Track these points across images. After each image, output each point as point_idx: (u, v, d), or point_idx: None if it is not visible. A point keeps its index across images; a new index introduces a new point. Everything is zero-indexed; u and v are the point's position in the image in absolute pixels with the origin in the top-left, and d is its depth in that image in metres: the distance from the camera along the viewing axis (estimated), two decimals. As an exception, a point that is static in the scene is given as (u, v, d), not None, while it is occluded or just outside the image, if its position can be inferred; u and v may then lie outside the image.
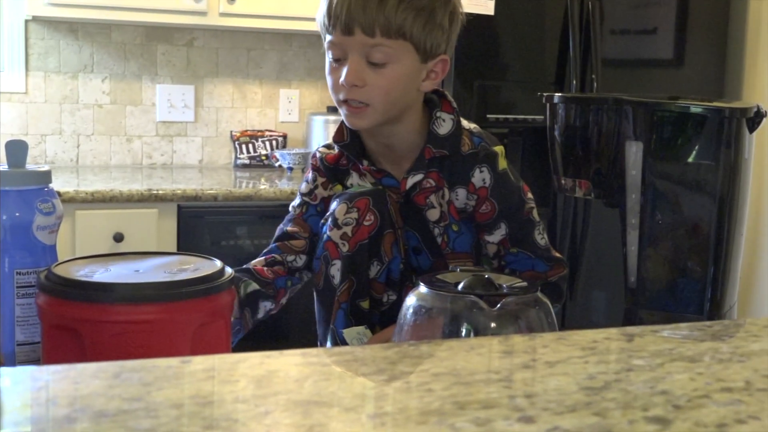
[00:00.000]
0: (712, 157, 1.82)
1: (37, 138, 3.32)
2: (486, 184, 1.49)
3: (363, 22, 1.37)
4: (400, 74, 1.41)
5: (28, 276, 1.21)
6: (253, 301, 1.45)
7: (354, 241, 1.45)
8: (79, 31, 3.34)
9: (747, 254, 3.33)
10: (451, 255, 1.52)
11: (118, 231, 2.77)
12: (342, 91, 1.41)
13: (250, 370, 0.72)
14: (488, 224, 1.51)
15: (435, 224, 1.50)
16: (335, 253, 1.46)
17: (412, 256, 1.53)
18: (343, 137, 1.52)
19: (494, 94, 3.12)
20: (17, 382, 0.70)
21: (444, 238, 1.51)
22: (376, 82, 1.40)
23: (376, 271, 1.49)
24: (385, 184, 1.51)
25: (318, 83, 3.65)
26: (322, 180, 1.57)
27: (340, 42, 1.40)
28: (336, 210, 1.47)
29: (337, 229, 1.46)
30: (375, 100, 1.41)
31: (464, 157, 1.49)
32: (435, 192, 1.49)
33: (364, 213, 1.45)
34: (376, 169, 1.51)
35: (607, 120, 1.91)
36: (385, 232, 1.47)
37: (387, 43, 1.38)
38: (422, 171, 1.48)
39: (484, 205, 1.50)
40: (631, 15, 3.28)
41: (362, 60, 1.39)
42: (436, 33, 1.42)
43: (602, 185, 1.93)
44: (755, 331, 0.88)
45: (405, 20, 1.38)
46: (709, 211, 1.83)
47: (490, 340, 0.88)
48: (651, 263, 1.87)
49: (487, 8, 3.00)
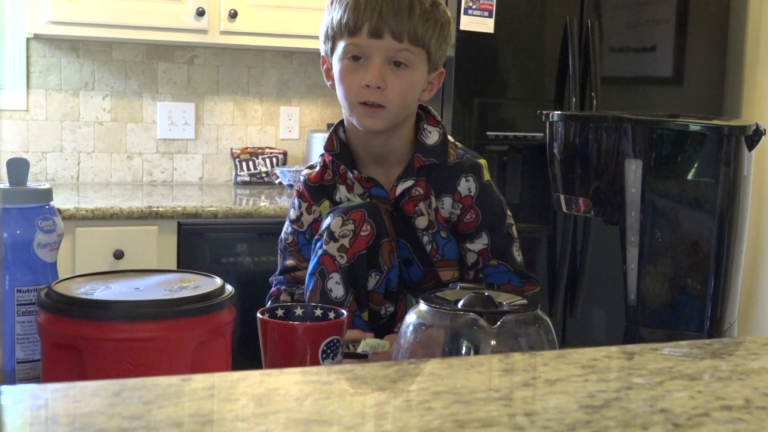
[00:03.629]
0: (712, 174, 1.82)
1: (38, 155, 3.33)
2: (471, 193, 1.54)
3: (394, 28, 1.44)
4: (415, 80, 1.49)
5: (29, 293, 1.22)
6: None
7: (352, 252, 1.46)
8: (80, 49, 3.35)
9: (747, 272, 3.33)
10: (441, 262, 1.55)
11: (119, 248, 2.77)
12: (363, 93, 1.46)
13: (251, 389, 0.72)
14: (471, 233, 1.55)
15: (424, 232, 1.53)
16: (332, 266, 1.47)
17: (403, 268, 1.56)
18: (333, 147, 1.55)
19: (494, 112, 3.12)
20: (17, 400, 0.69)
21: (433, 246, 1.54)
22: (396, 85, 1.46)
23: (375, 281, 1.50)
24: (374, 194, 1.54)
25: (318, 101, 3.66)
26: (305, 205, 1.59)
27: (365, 44, 1.45)
28: (331, 224, 1.48)
29: (334, 242, 1.47)
30: (392, 103, 1.47)
31: (450, 167, 1.54)
32: (423, 200, 1.53)
33: (360, 224, 1.47)
34: (366, 178, 1.54)
35: (607, 138, 1.91)
36: (382, 242, 1.49)
37: (411, 49, 1.46)
38: (412, 178, 1.52)
39: (469, 214, 1.54)
40: (630, 33, 3.29)
41: (385, 63, 1.46)
42: (443, 47, 1.51)
43: (602, 203, 1.93)
44: (755, 349, 0.88)
45: (427, 31, 1.46)
46: (708, 229, 1.83)
47: (490, 358, 0.88)
48: (651, 281, 1.87)
49: (486, 26, 3.01)
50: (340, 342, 1.25)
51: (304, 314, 1.33)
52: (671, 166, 1.86)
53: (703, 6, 3.37)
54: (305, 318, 1.32)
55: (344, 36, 1.47)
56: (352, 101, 1.48)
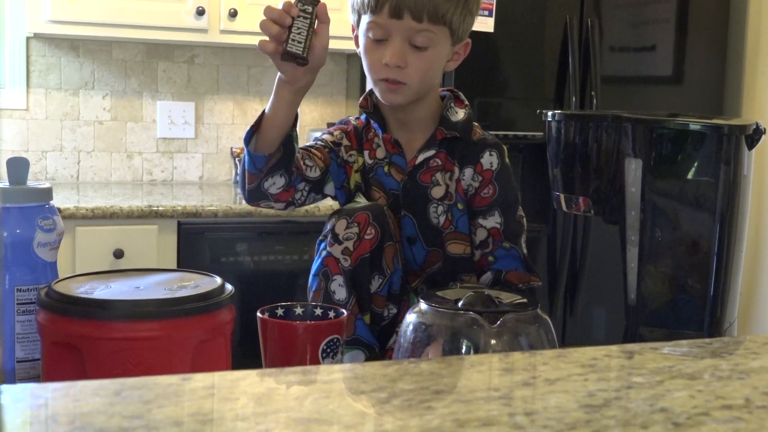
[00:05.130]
0: (712, 174, 1.82)
1: (38, 154, 3.33)
2: (493, 167, 1.57)
3: (413, 8, 1.46)
4: (437, 56, 1.52)
5: (29, 293, 1.22)
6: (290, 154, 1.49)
7: (356, 256, 1.47)
8: (80, 48, 3.35)
9: (747, 271, 3.33)
10: (453, 235, 1.58)
11: (119, 247, 2.77)
12: (382, 70, 1.50)
13: (251, 388, 0.72)
14: (484, 210, 1.57)
15: (439, 202, 1.56)
16: (336, 268, 1.47)
17: (407, 246, 1.58)
18: (368, 105, 1.61)
19: (494, 111, 3.12)
20: (17, 399, 0.69)
21: (448, 217, 1.57)
22: (417, 64, 1.49)
23: (377, 284, 1.50)
24: (394, 161, 1.58)
25: (318, 100, 3.66)
26: (347, 143, 1.62)
27: (386, 23, 1.48)
28: (335, 226, 1.48)
29: (338, 244, 1.47)
30: (413, 81, 1.50)
31: (475, 142, 1.58)
32: (441, 171, 1.57)
33: (364, 227, 1.47)
34: (393, 140, 1.58)
35: (607, 137, 1.91)
36: (385, 245, 1.49)
37: (431, 28, 1.48)
38: (433, 148, 1.56)
39: (486, 188, 1.57)
40: (630, 32, 3.29)
41: (405, 42, 1.48)
42: (468, 19, 1.54)
43: (602, 202, 1.93)
44: (755, 348, 0.88)
45: (448, 8, 1.48)
46: (708, 228, 1.83)
47: (490, 358, 0.88)
48: (651, 280, 1.87)
49: (486, 25, 3.01)
50: (340, 341, 1.26)
51: (304, 313, 1.33)
52: (671, 165, 1.86)
53: (703, 5, 3.37)
54: (305, 317, 1.32)
55: (367, 12, 1.50)
56: (373, 77, 1.53)
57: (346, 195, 1.61)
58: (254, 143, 1.49)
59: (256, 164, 1.48)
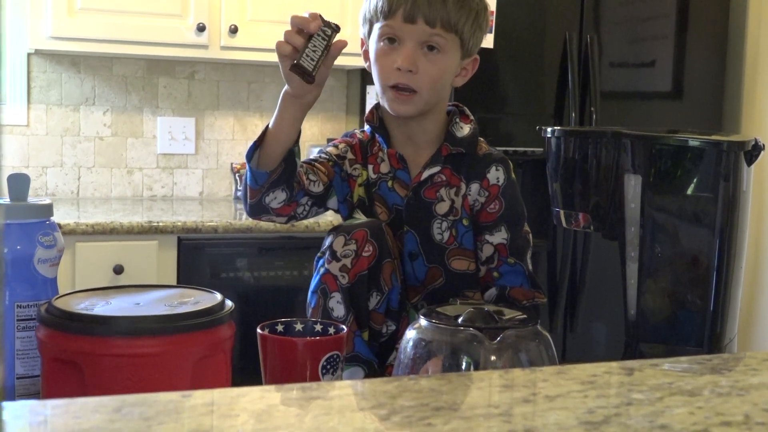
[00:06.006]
0: (711, 189, 1.83)
1: (39, 170, 3.33)
2: (499, 182, 1.57)
3: (427, 14, 1.48)
4: (447, 65, 1.53)
5: (29, 309, 1.22)
6: (292, 170, 1.50)
7: (354, 273, 1.47)
8: (81, 64, 3.36)
9: (746, 286, 3.33)
10: (457, 251, 1.57)
11: (119, 263, 2.77)
12: (394, 75, 1.51)
13: (251, 405, 0.72)
14: (490, 225, 1.57)
15: (443, 218, 1.56)
16: (334, 285, 1.47)
17: (408, 263, 1.57)
18: (373, 119, 1.61)
19: (494, 127, 3.13)
20: (17, 416, 0.69)
21: (452, 233, 1.57)
22: (428, 70, 1.50)
23: (376, 301, 1.50)
24: (399, 176, 1.58)
25: (318, 115, 3.67)
26: (351, 157, 1.62)
27: (399, 28, 1.49)
28: (333, 243, 1.48)
29: (336, 261, 1.47)
30: (423, 87, 1.50)
31: (481, 157, 1.58)
32: (446, 187, 1.57)
33: (362, 244, 1.47)
34: (398, 156, 1.58)
35: (606, 153, 1.91)
36: (384, 262, 1.49)
37: (443, 35, 1.49)
38: (438, 165, 1.56)
39: (493, 204, 1.57)
40: (629, 48, 3.30)
41: (417, 48, 1.50)
42: (478, 34, 1.56)
43: (601, 218, 1.93)
44: (754, 364, 0.88)
45: (460, 18, 1.50)
46: (708, 244, 1.83)
47: (490, 374, 0.88)
48: (651, 296, 1.87)
49: (486, 41, 3.01)
50: (340, 357, 1.25)
51: (304, 329, 1.33)
52: (670, 181, 1.86)
53: (702, 21, 3.38)
54: (305, 333, 1.32)
55: (379, 19, 1.51)
56: (383, 84, 1.53)
57: (348, 209, 1.61)
58: (257, 158, 1.49)
59: (258, 180, 1.49)
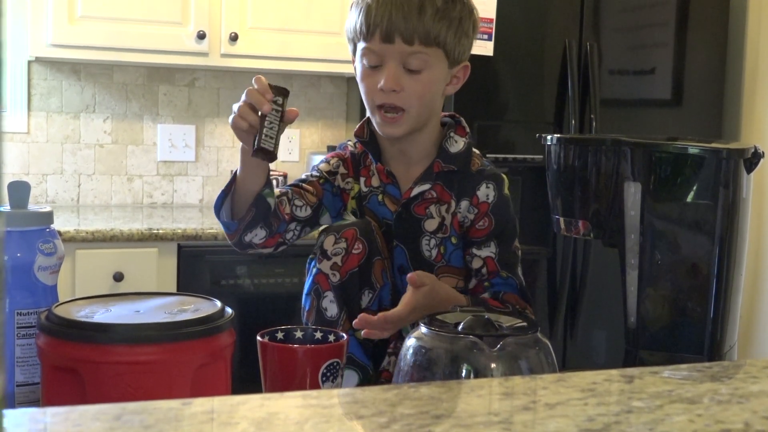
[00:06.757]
0: (711, 197, 1.83)
1: (39, 177, 3.34)
2: (489, 200, 1.55)
3: (403, 32, 1.45)
4: (433, 79, 1.50)
5: (29, 316, 1.22)
6: (265, 211, 1.47)
7: (345, 270, 1.48)
8: (81, 71, 3.36)
9: (747, 294, 3.33)
10: (445, 269, 1.56)
11: (118, 270, 2.77)
12: (379, 96, 1.49)
13: (251, 413, 0.72)
14: (479, 241, 1.55)
15: (432, 235, 1.54)
16: (326, 284, 1.48)
17: (398, 277, 1.56)
18: (363, 134, 1.59)
19: (493, 134, 3.13)
20: (17, 423, 0.69)
21: (440, 250, 1.55)
22: (413, 88, 1.48)
23: (368, 300, 1.50)
24: (389, 191, 1.57)
25: (318, 123, 3.67)
26: (343, 171, 1.61)
27: (379, 49, 1.47)
28: (324, 242, 1.49)
29: (327, 259, 1.48)
30: (410, 105, 1.49)
31: (473, 174, 1.56)
32: (436, 204, 1.55)
33: (352, 242, 1.48)
34: (387, 172, 1.57)
35: (606, 160, 1.91)
36: (374, 260, 1.50)
37: (424, 50, 1.47)
38: (429, 182, 1.54)
39: (482, 221, 1.55)
40: (629, 55, 3.31)
41: (400, 66, 1.47)
42: (464, 41, 1.52)
43: (601, 225, 1.93)
44: (754, 372, 0.88)
45: (440, 30, 1.47)
46: (708, 251, 1.83)
47: (490, 382, 0.88)
48: (650, 303, 1.87)
49: (486, 49, 3.02)
50: (340, 365, 1.25)
51: (304, 337, 1.33)
52: (670, 188, 1.86)
53: (701, 29, 3.39)
54: (305, 341, 1.32)
55: (360, 40, 1.50)
56: (371, 104, 1.52)
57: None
58: (228, 204, 1.48)
59: (230, 228, 1.49)
